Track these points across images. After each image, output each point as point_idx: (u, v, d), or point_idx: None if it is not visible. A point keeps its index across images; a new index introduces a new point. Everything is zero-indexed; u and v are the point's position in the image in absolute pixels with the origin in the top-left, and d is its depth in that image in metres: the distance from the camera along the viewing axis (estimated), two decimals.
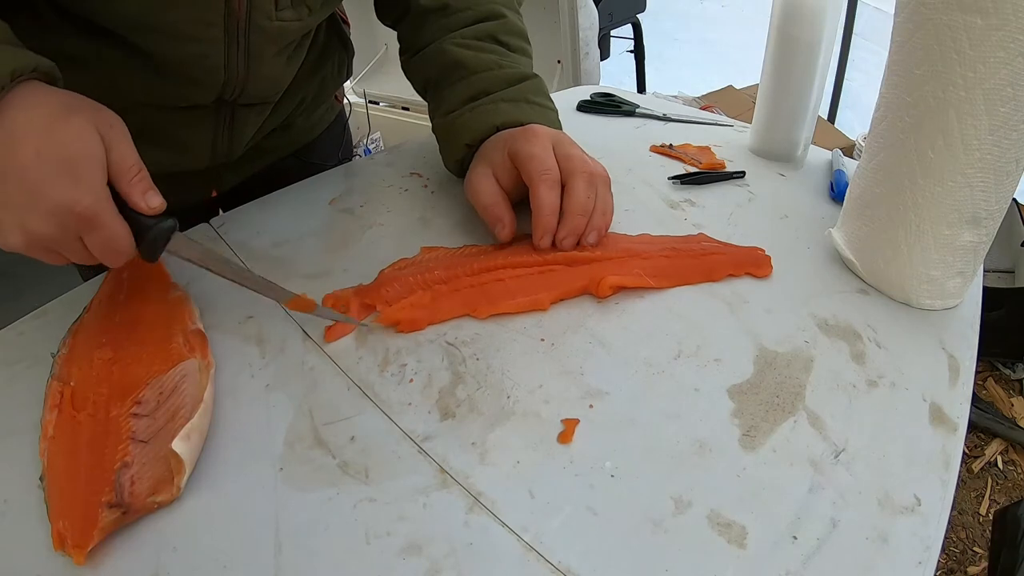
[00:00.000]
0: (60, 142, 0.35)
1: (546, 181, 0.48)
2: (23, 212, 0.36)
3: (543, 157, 0.49)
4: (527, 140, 0.50)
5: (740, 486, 0.35)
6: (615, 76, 2.28)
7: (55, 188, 0.35)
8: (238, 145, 0.60)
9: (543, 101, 0.56)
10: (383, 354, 0.43)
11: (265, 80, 0.55)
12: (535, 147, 0.49)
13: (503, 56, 0.57)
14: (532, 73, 0.58)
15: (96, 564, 0.31)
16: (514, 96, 0.55)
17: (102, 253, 0.38)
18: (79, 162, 0.36)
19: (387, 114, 1.97)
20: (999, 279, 1.61)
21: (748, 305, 0.47)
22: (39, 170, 0.35)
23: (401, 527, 0.33)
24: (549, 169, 0.48)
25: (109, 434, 0.36)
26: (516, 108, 0.54)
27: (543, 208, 0.48)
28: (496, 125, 0.53)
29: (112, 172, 0.38)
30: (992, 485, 1.31)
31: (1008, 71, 0.38)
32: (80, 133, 0.36)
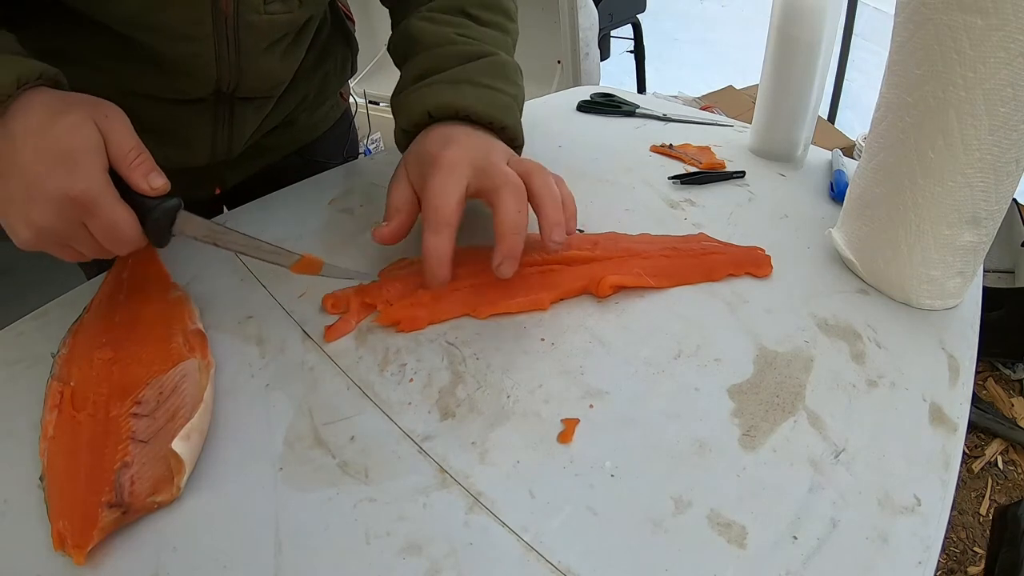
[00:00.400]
0: (56, 136, 0.36)
1: (431, 226, 0.43)
2: (26, 206, 0.37)
3: (436, 193, 0.43)
4: (430, 172, 0.44)
5: (740, 486, 0.35)
6: (615, 76, 2.28)
7: (52, 179, 0.36)
8: (238, 140, 0.60)
9: (493, 82, 0.50)
10: (383, 354, 0.43)
11: (260, 74, 0.55)
12: (433, 180, 0.43)
13: (465, 30, 0.53)
14: (492, 51, 0.51)
15: (96, 564, 0.31)
16: (458, 76, 0.49)
17: (107, 239, 0.38)
18: (75, 152, 0.36)
19: (387, 114, 1.97)
20: (999, 279, 1.61)
21: (748, 305, 0.47)
22: (38, 165, 0.36)
23: (401, 527, 0.33)
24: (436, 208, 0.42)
25: (109, 434, 0.36)
26: (454, 91, 0.48)
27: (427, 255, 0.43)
28: (428, 111, 0.48)
29: (112, 159, 0.38)
30: (992, 485, 1.31)
31: (1008, 71, 0.38)
32: (75, 126, 0.37)
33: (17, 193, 0.37)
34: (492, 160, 0.45)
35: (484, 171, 0.44)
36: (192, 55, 0.49)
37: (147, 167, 0.39)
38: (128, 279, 0.48)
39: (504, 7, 0.57)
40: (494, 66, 0.51)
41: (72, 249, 0.39)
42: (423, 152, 0.46)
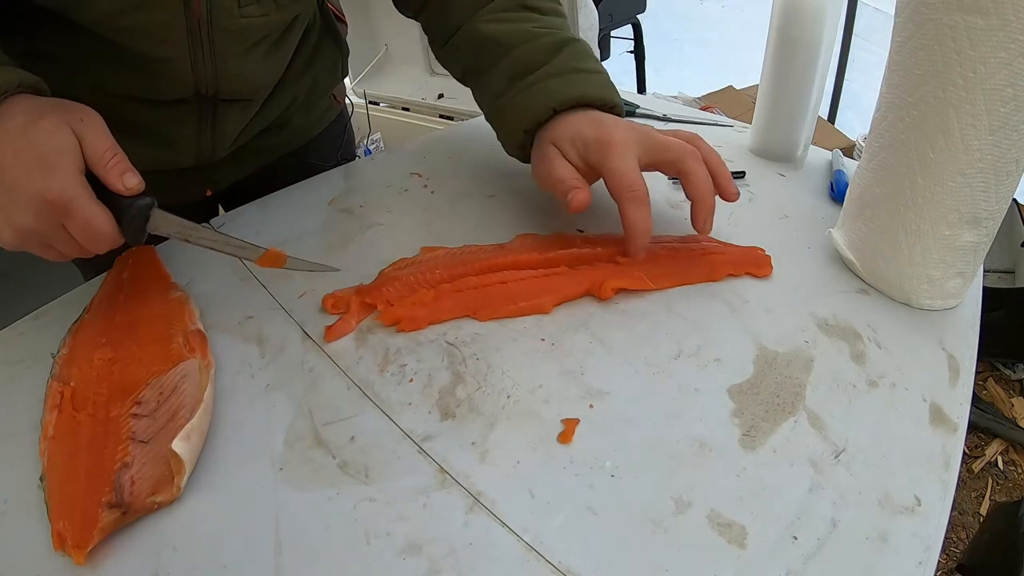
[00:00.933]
0: (34, 140, 0.38)
1: (632, 199, 0.46)
2: (7, 209, 0.38)
3: (626, 171, 0.46)
4: (607, 154, 0.47)
5: (740, 486, 0.35)
6: (615, 76, 2.27)
7: (30, 181, 0.37)
8: (223, 142, 0.60)
9: (590, 65, 0.52)
10: (383, 354, 0.43)
11: (238, 77, 0.55)
12: (616, 160, 0.46)
13: (537, 23, 0.54)
14: (572, 36, 0.54)
15: (96, 564, 0.31)
16: (560, 69, 0.51)
17: (85, 239, 0.39)
18: (51, 155, 0.38)
19: (387, 114, 1.97)
20: (999, 279, 1.60)
21: (748, 305, 0.47)
22: (16, 169, 0.37)
23: (401, 527, 0.33)
24: (634, 185, 0.46)
25: (109, 434, 0.36)
26: (567, 83, 0.50)
27: (634, 228, 0.46)
28: (553, 107, 0.50)
29: (88, 161, 0.39)
30: (992, 485, 1.31)
31: (1008, 71, 0.38)
32: (51, 130, 0.38)
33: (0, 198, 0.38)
34: (651, 135, 0.48)
35: (652, 147, 0.48)
36: (167, 58, 0.49)
37: (121, 167, 0.40)
38: (128, 279, 0.48)
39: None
40: (582, 50, 0.53)
41: (54, 249, 0.40)
42: (581, 136, 0.48)
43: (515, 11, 0.55)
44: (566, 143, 0.49)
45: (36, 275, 1.09)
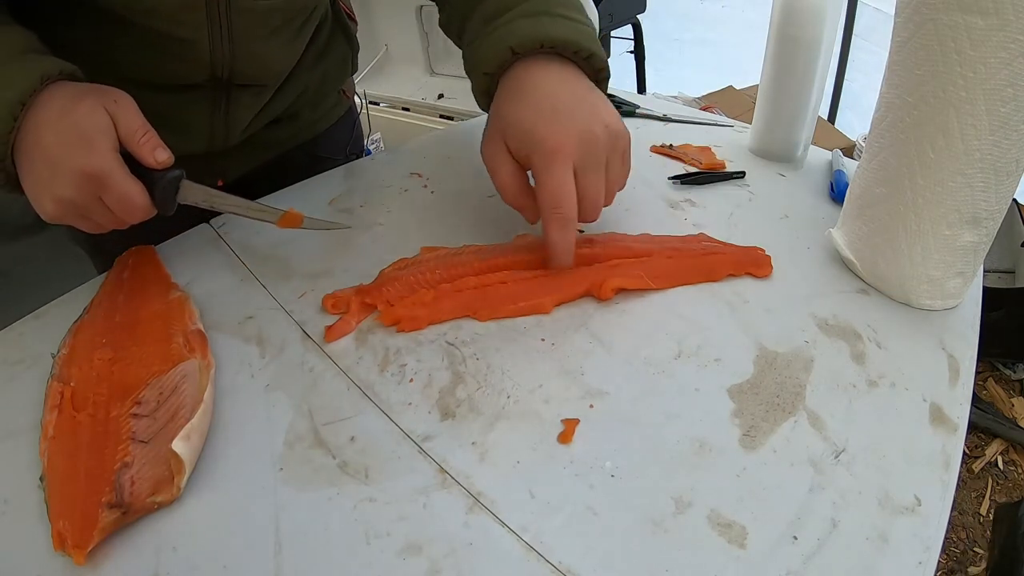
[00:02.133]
0: (73, 122, 0.41)
1: (556, 220, 0.44)
2: (50, 183, 0.41)
3: (556, 190, 0.44)
4: (544, 158, 0.44)
5: (740, 486, 0.35)
6: (615, 76, 2.27)
7: (71, 158, 0.41)
8: (236, 128, 0.61)
9: (570, 13, 0.48)
10: (383, 354, 0.43)
11: (254, 61, 0.56)
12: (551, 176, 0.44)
13: None
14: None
15: (96, 564, 0.31)
16: (533, 9, 0.47)
17: (120, 209, 0.43)
18: (89, 134, 0.41)
19: (387, 114, 1.97)
20: (999, 279, 1.60)
21: (748, 305, 0.47)
22: (59, 147, 0.41)
23: (401, 527, 0.33)
24: (559, 206, 0.44)
25: (109, 434, 0.36)
26: (535, 24, 0.47)
27: (554, 251, 0.46)
28: (511, 47, 0.46)
29: (123, 139, 0.42)
30: (992, 485, 1.31)
31: (1009, 71, 0.38)
32: (89, 112, 0.41)
33: (43, 172, 0.42)
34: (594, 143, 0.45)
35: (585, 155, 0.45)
36: (187, 40, 0.50)
37: (153, 143, 0.43)
38: (128, 279, 0.48)
39: None
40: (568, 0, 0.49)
41: (91, 220, 0.44)
42: (523, 126, 0.45)
43: None
44: (511, 131, 0.46)
45: (36, 275, 1.09)
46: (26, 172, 0.42)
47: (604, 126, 0.46)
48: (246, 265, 0.51)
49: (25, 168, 0.42)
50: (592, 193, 0.46)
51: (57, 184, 0.41)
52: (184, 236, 0.54)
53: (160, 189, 0.44)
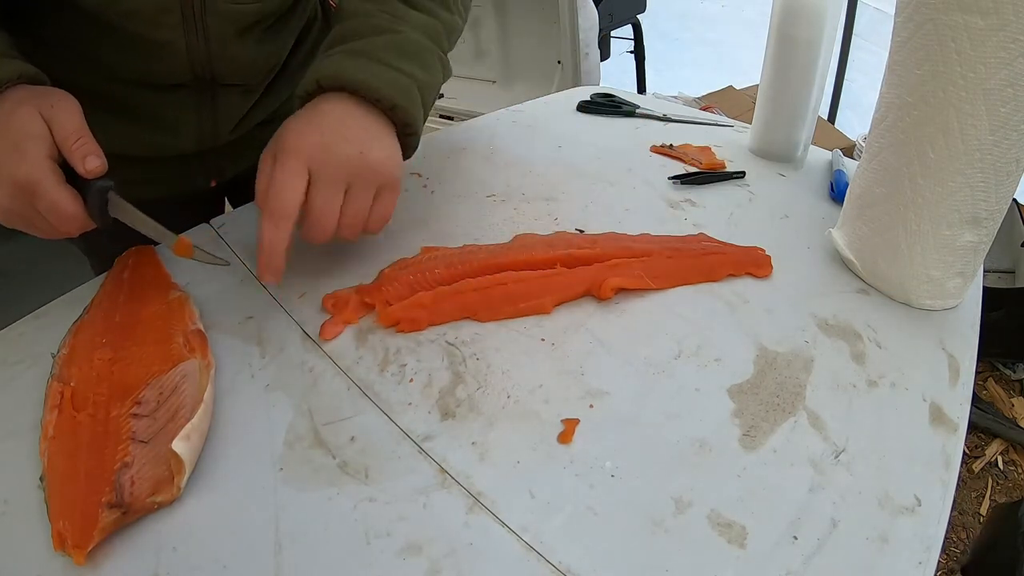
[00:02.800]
0: (9, 129, 0.40)
1: (270, 217, 0.42)
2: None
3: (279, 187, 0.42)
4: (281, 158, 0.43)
5: (740, 486, 0.35)
6: (615, 76, 2.28)
7: (5, 166, 0.40)
8: (224, 127, 0.61)
9: (395, 60, 0.47)
10: (383, 354, 0.43)
11: (233, 61, 0.56)
12: (280, 171, 0.43)
13: (389, 7, 0.50)
14: (401, 30, 0.49)
15: (96, 564, 0.31)
16: (360, 49, 0.46)
17: (54, 219, 0.41)
18: (22, 142, 0.40)
19: None
20: (999, 279, 1.60)
21: (748, 305, 0.47)
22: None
23: (401, 527, 0.33)
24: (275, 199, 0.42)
25: (109, 434, 0.36)
26: (346, 63, 0.46)
27: (262, 247, 0.43)
28: (318, 80, 0.46)
29: (58, 144, 0.41)
30: (992, 485, 1.31)
31: (1009, 72, 0.38)
32: (24, 118, 0.41)
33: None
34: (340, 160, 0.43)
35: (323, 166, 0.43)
36: (164, 41, 0.51)
37: (86, 150, 0.41)
38: (128, 279, 0.48)
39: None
40: (402, 45, 0.48)
41: (35, 227, 0.43)
42: (282, 129, 0.45)
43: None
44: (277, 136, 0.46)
45: (36, 275, 1.09)
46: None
47: (361, 152, 0.44)
48: (246, 265, 0.50)
49: None
50: (319, 206, 0.43)
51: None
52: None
53: (89, 199, 0.42)
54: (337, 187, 0.44)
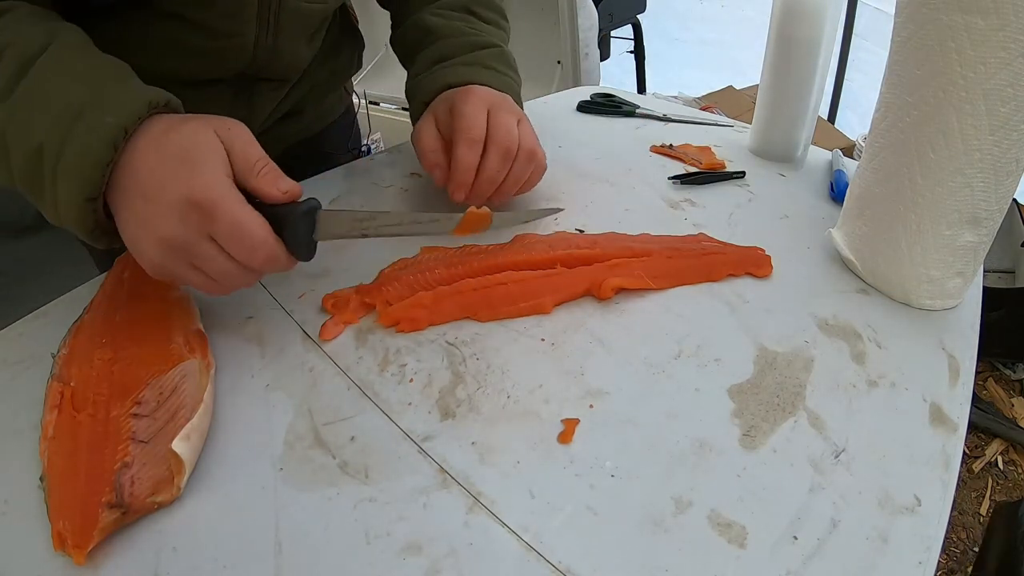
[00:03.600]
0: (175, 142, 0.36)
1: (466, 141, 0.49)
2: (151, 219, 0.36)
3: (471, 115, 0.50)
4: (464, 98, 0.51)
5: (740, 486, 0.35)
6: (615, 76, 2.28)
7: (173, 182, 0.35)
8: (255, 122, 0.62)
9: (500, 67, 0.57)
10: (383, 354, 0.43)
11: (287, 58, 0.58)
12: (467, 106, 0.50)
13: (472, 24, 0.60)
14: (497, 43, 0.59)
15: (96, 564, 0.31)
16: (472, 60, 0.56)
17: (235, 245, 0.36)
18: (194, 153, 0.36)
19: (387, 114, 1.97)
20: (999, 279, 1.60)
21: (748, 305, 0.47)
22: (159, 173, 0.35)
23: (401, 527, 0.33)
24: (472, 128, 0.49)
25: (109, 434, 0.36)
26: (470, 70, 0.55)
27: (459, 164, 0.50)
28: (449, 83, 0.54)
29: (237, 171, 0.37)
30: (992, 485, 1.31)
31: (1009, 72, 0.38)
32: (195, 131, 0.36)
33: (141, 209, 0.36)
34: (504, 109, 0.52)
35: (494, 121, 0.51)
36: (234, 34, 0.51)
37: (275, 175, 0.38)
38: (128, 279, 0.48)
39: (500, 8, 0.64)
40: (500, 55, 0.58)
41: (200, 270, 0.37)
42: (450, 96, 0.53)
43: (457, 11, 0.61)
44: (440, 103, 0.54)
45: (36, 275, 1.09)
46: (124, 215, 0.37)
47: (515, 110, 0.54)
48: None
49: (122, 210, 0.37)
50: (506, 121, 0.51)
51: (157, 220, 0.35)
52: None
53: (292, 226, 0.37)
54: (512, 116, 0.52)
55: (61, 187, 0.36)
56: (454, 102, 0.52)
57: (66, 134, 0.35)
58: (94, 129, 0.35)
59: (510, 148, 0.50)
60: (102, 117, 0.36)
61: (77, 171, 0.36)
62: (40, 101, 0.36)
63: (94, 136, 0.35)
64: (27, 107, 0.36)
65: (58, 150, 0.36)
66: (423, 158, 0.53)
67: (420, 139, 0.53)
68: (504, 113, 0.51)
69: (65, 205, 0.37)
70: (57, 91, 0.36)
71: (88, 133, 0.35)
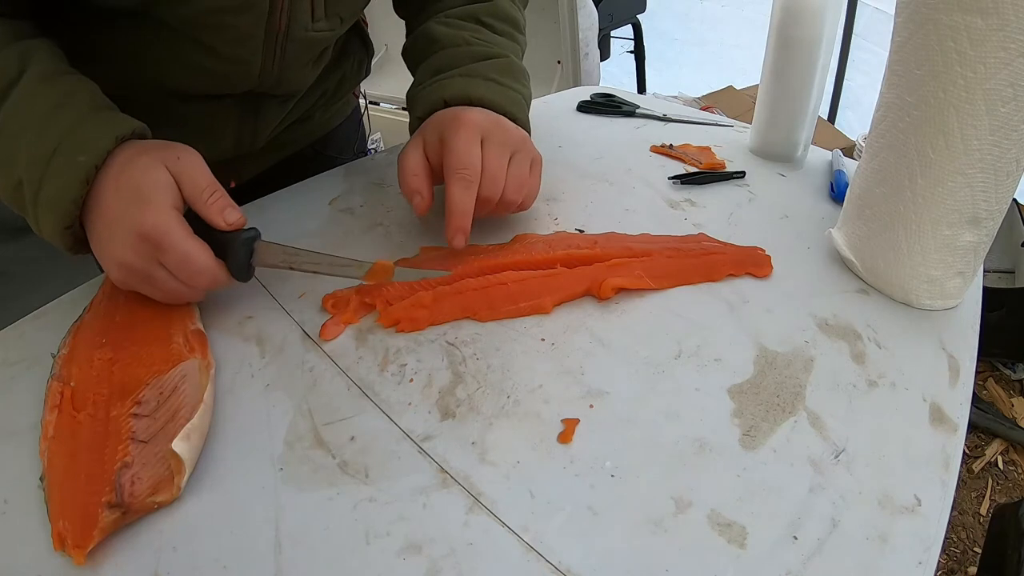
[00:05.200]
0: (130, 177, 0.39)
1: (459, 179, 0.46)
2: (110, 245, 0.40)
3: (463, 151, 0.47)
4: (455, 129, 0.48)
5: (740, 486, 0.35)
6: (615, 76, 2.28)
7: (127, 215, 0.39)
8: (262, 135, 0.62)
9: (503, 79, 0.54)
10: (383, 354, 0.43)
11: (294, 79, 0.58)
12: (458, 139, 0.47)
13: (479, 34, 0.57)
14: (504, 54, 0.56)
15: (96, 564, 0.31)
16: (472, 71, 0.53)
17: (182, 272, 0.40)
18: (145, 190, 0.39)
19: (387, 114, 1.97)
20: (999, 279, 1.60)
21: (748, 305, 0.47)
22: (116, 204, 0.39)
23: (401, 527, 0.33)
24: (466, 166, 0.47)
25: (109, 434, 0.36)
26: (468, 83, 0.52)
27: (452, 207, 0.46)
28: (444, 99, 0.52)
29: (188, 198, 0.41)
30: (992, 485, 1.31)
31: (1008, 71, 0.38)
32: (147, 167, 0.40)
33: (103, 233, 0.40)
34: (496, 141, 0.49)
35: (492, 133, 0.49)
36: (240, 61, 0.51)
37: (222, 203, 0.41)
38: None
39: (514, 19, 0.61)
40: (504, 66, 0.55)
41: (156, 287, 0.41)
42: (441, 121, 0.50)
43: (466, 20, 0.58)
44: (431, 128, 0.50)
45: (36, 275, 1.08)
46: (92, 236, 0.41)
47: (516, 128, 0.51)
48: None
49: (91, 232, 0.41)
50: (494, 165, 0.48)
51: (115, 246, 0.39)
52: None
53: (233, 253, 0.41)
54: (505, 150, 0.49)
55: (42, 215, 0.41)
56: (444, 132, 0.48)
57: (43, 172, 0.39)
58: (68, 169, 0.39)
59: (492, 197, 0.48)
60: (75, 157, 0.39)
61: (54, 204, 0.40)
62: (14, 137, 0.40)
63: (68, 176, 0.39)
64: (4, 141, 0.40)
65: (36, 187, 0.40)
66: (403, 180, 0.49)
67: (402, 162, 0.50)
68: (495, 148, 0.48)
69: (47, 230, 0.41)
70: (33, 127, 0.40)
71: (63, 172, 0.39)
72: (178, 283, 0.41)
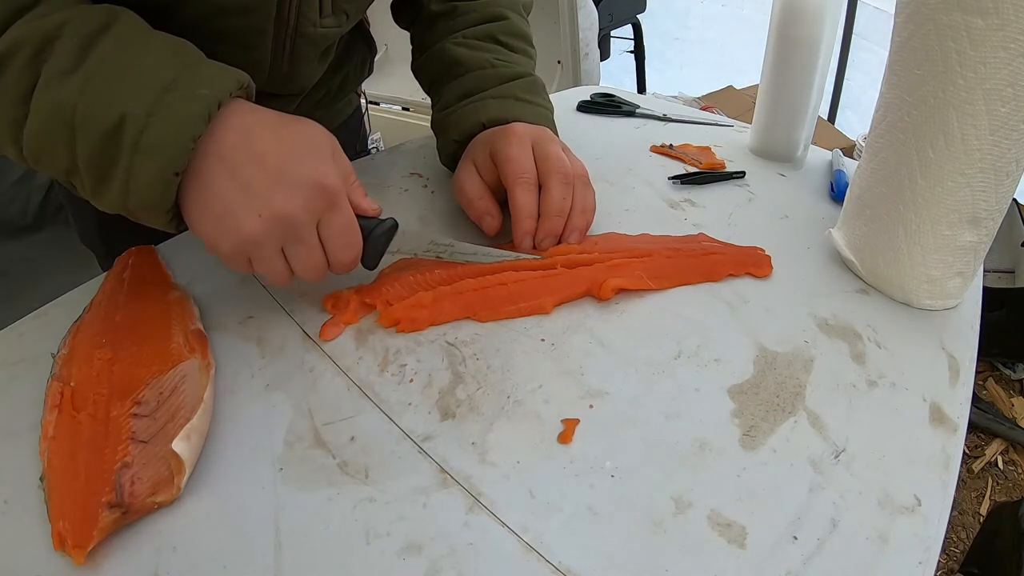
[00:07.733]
0: (300, 131, 0.38)
1: (522, 184, 0.49)
2: (266, 192, 0.36)
3: (519, 158, 0.49)
4: (506, 140, 0.50)
5: (740, 486, 0.35)
6: (615, 76, 2.28)
7: (304, 164, 0.36)
8: None
9: (533, 98, 0.56)
10: (383, 354, 0.43)
11: (300, 79, 0.58)
12: (512, 148, 0.49)
13: (500, 55, 0.58)
14: (527, 72, 0.58)
15: (96, 564, 0.31)
16: (503, 93, 0.55)
17: (340, 241, 0.39)
18: (325, 147, 0.38)
19: (387, 114, 1.97)
20: (999, 279, 1.60)
21: (748, 305, 0.47)
22: (283, 153, 0.37)
23: (401, 527, 0.33)
24: (525, 171, 0.49)
25: (109, 434, 0.36)
26: (502, 105, 0.54)
27: (521, 211, 0.49)
28: (482, 122, 0.54)
29: None
30: (992, 485, 1.31)
31: (1008, 71, 0.38)
32: (313, 126, 0.39)
33: (256, 180, 0.36)
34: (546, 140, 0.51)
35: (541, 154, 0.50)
36: (249, 59, 0.51)
37: (364, 190, 0.42)
38: (128, 279, 0.48)
39: (527, 35, 0.63)
40: (530, 84, 0.57)
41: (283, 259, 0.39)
42: (488, 138, 0.52)
43: (484, 40, 0.59)
44: (478, 148, 0.52)
45: (36, 275, 1.09)
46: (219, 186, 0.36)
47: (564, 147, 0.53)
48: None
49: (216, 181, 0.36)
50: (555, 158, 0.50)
51: (279, 194, 0.36)
52: (184, 236, 0.54)
53: (373, 240, 0.42)
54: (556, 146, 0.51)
55: (140, 163, 0.35)
56: (495, 145, 0.50)
57: (154, 105, 0.34)
58: (188, 100, 0.35)
59: (567, 174, 0.50)
60: (196, 89, 0.35)
61: (164, 144, 0.35)
62: (118, 73, 0.35)
63: (189, 107, 0.35)
64: (103, 80, 0.34)
65: (143, 123, 0.34)
66: (470, 208, 0.52)
67: (463, 188, 0.52)
68: (549, 144, 0.51)
69: (144, 183, 0.35)
70: (137, 64, 0.35)
71: (182, 104, 0.35)
72: (322, 255, 0.39)
